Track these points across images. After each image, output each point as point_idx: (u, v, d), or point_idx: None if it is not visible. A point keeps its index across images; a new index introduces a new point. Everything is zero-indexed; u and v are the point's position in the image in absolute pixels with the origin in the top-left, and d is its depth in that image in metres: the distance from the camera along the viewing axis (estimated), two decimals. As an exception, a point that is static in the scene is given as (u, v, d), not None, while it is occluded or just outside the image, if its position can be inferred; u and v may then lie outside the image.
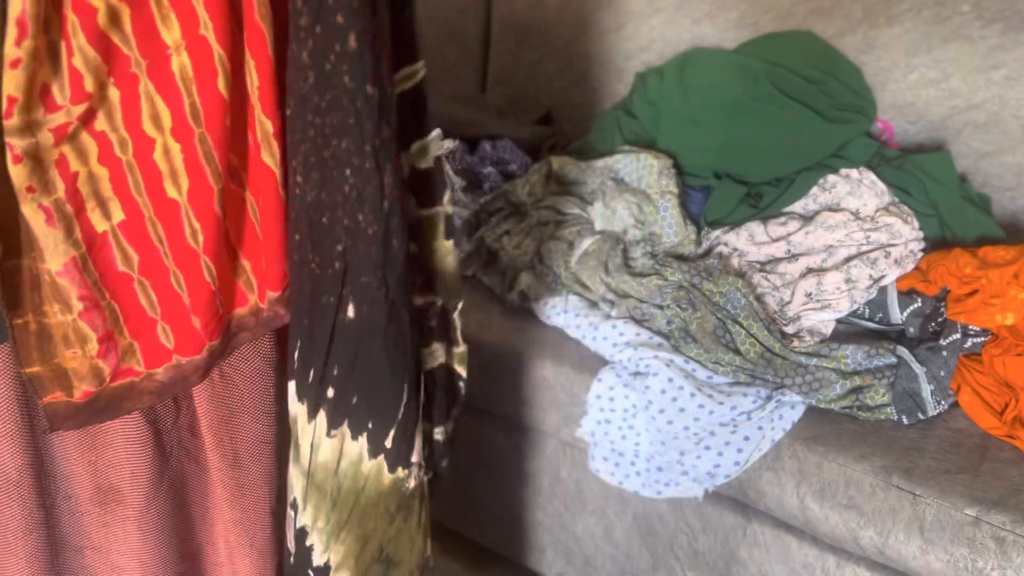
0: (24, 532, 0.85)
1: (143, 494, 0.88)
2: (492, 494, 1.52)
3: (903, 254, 1.35)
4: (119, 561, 0.90)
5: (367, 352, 0.84)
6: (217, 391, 0.89)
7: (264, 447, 0.94)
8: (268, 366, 0.92)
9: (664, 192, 1.44)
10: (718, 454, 1.21)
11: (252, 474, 0.93)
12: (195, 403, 0.89)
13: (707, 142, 1.52)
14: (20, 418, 0.81)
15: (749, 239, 1.41)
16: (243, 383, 0.91)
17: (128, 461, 0.87)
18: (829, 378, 1.21)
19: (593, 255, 1.38)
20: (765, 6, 1.62)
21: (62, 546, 0.89)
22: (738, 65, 1.57)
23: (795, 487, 1.18)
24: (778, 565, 1.27)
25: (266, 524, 0.96)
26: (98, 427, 0.84)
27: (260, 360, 0.92)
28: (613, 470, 1.30)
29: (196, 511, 0.95)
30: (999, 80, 1.47)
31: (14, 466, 0.83)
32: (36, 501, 0.85)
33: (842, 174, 1.44)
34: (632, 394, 1.24)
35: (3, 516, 0.84)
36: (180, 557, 0.94)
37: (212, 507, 0.96)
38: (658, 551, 1.38)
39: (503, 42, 1.89)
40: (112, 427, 0.85)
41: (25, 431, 0.82)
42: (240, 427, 0.92)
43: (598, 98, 1.82)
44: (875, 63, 1.54)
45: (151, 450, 0.87)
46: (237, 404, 0.91)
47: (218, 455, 0.91)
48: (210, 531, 0.97)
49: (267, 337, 0.91)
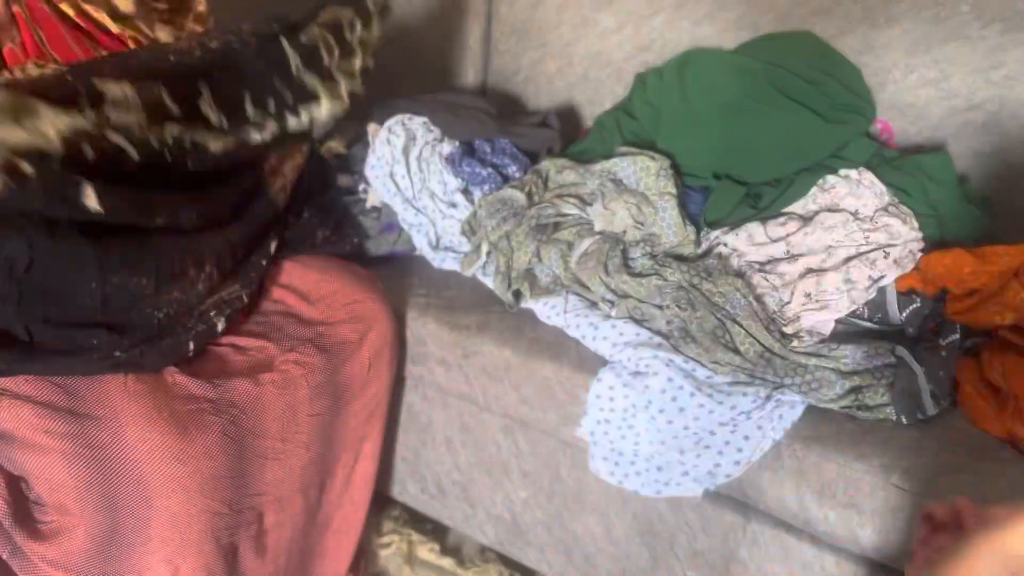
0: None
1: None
2: (492, 494, 1.52)
3: (902, 254, 1.35)
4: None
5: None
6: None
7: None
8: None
9: (662, 193, 1.44)
10: (718, 453, 1.22)
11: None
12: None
13: (707, 142, 1.52)
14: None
15: (748, 239, 1.41)
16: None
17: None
18: (829, 378, 1.21)
19: (593, 255, 1.38)
20: (765, 7, 1.62)
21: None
22: (738, 66, 1.57)
23: (795, 487, 1.19)
24: (778, 565, 1.27)
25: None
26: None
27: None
28: (613, 470, 1.30)
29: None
30: (999, 80, 1.47)
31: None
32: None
33: (841, 175, 1.44)
34: (632, 394, 1.24)
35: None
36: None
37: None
38: (658, 551, 1.38)
39: (503, 42, 1.89)
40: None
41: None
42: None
43: (598, 98, 1.82)
44: (875, 63, 1.55)
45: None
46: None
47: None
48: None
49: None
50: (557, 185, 1.53)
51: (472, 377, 1.40)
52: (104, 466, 1.09)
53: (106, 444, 1.08)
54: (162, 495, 1.11)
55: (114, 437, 1.09)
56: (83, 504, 1.09)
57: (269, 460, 1.25)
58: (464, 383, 1.41)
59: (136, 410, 1.09)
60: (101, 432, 1.08)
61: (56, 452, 1.06)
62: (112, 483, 1.09)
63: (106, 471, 1.09)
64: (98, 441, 1.08)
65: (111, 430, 1.08)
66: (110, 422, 1.08)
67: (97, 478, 1.08)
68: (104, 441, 1.08)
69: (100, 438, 1.08)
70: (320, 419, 1.30)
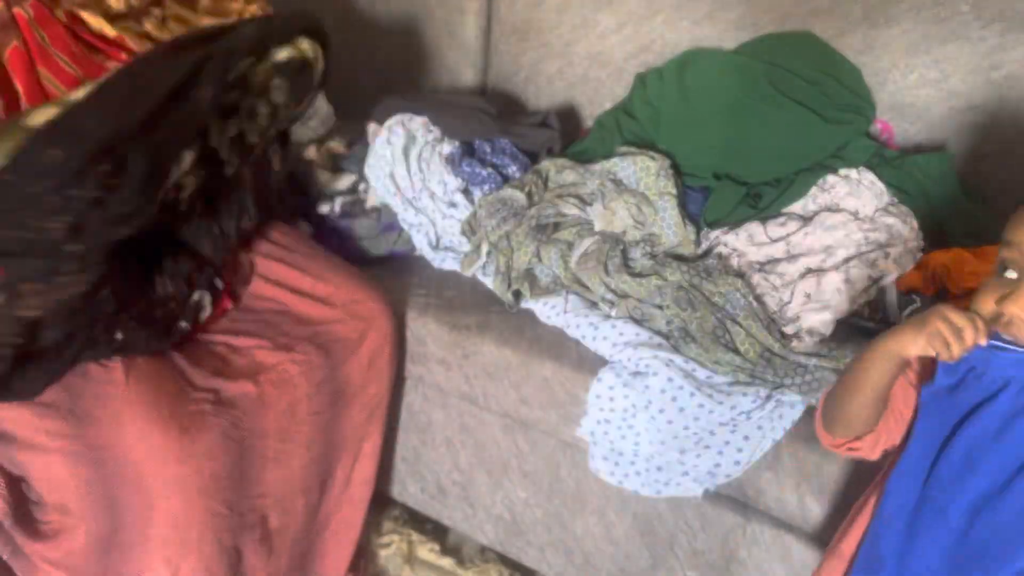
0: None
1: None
2: (492, 494, 1.52)
3: (902, 254, 1.35)
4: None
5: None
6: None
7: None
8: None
9: (662, 193, 1.44)
10: (718, 453, 1.22)
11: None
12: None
13: (707, 142, 1.52)
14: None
15: (748, 239, 1.41)
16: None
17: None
18: (829, 378, 1.21)
19: (593, 255, 1.38)
20: (765, 7, 1.62)
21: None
22: (738, 66, 1.57)
23: (795, 487, 1.19)
24: (778, 564, 1.27)
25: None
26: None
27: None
28: (613, 470, 1.30)
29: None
30: (999, 80, 1.47)
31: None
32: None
33: (841, 174, 1.44)
34: (632, 394, 1.24)
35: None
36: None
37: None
38: (658, 550, 1.38)
39: (503, 42, 1.89)
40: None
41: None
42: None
43: (598, 98, 1.82)
44: (875, 63, 1.55)
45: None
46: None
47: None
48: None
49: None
50: (557, 185, 1.53)
51: (472, 377, 1.40)
52: (104, 466, 1.09)
53: (106, 444, 1.08)
54: (162, 496, 1.11)
55: (115, 437, 1.09)
56: (83, 504, 1.09)
57: (270, 460, 1.25)
58: (464, 383, 1.41)
59: (137, 411, 1.10)
60: (101, 432, 1.08)
61: (57, 452, 1.06)
62: (112, 483, 1.09)
63: (106, 471, 1.09)
64: (99, 441, 1.08)
65: (112, 430, 1.08)
66: (111, 422, 1.09)
67: (97, 478, 1.09)
68: (105, 441, 1.08)
69: (101, 438, 1.08)
70: (320, 418, 1.30)
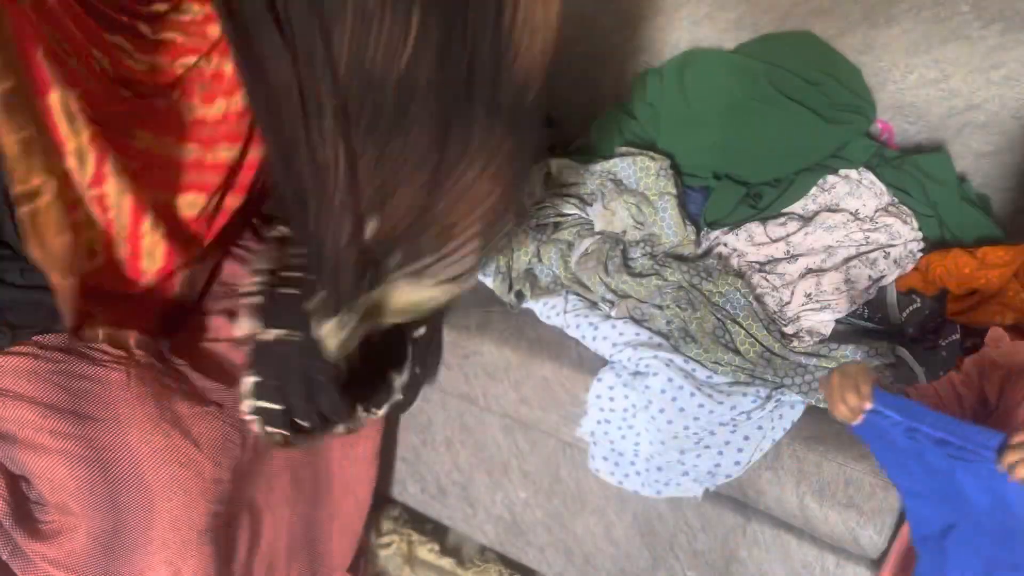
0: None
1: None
2: (492, 494, 1.52)
3: (902, 254, 1.36)
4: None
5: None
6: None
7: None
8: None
9: (662, 193, 1.44)
10: (718, 453, 1.22)
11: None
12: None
13: (707, 142, 1.52)
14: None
15: (748, 239, 1.41)
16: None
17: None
18: (828, 378, 1.21)
19: (593, 255, 1.38)
20: (765, 7, 1.62)
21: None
22: (737, 66, 1.57)
23: (795, 486, 1.19)
24: (778, 564, 1.27)
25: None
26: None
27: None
28: (613, 470, 1.30)
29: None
30: (999, 80, 1.47)
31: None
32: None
33: (841, 175, 1.44)
34: (632, 394, 1.24)
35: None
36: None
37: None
38: (658, 550, 1.38)
39: (503, 42, 1.89)
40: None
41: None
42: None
43: (598, 98, 1.81)
44: (875, 63, 1.54)
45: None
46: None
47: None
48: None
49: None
50: (557, 185, 1.53)
51: (472, 377, 1.40)
52: (106, 467, 1.09)
53: (108, 445, 1.08)
54: (163, 497, 1.11)
55: (116, 438, 1.09)
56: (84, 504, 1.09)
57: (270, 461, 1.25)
58: (464, 383, 1.41)
59: (138, 412, 1.10)
60: (103, 433, 1.08)
61: (58, 453, 1.06)
62: (114, 484, 1.09)
63: (108, 472, 1.09)
64: (100, 442, 1.08)
65: (113, 431, 1.09)
66: (112, 423, 1.09)
67: (99, 479, 1.09)
68: (106, 442, 1.08)
69: (102, 439, 1.08)
70: (320, 418, 1.30)
